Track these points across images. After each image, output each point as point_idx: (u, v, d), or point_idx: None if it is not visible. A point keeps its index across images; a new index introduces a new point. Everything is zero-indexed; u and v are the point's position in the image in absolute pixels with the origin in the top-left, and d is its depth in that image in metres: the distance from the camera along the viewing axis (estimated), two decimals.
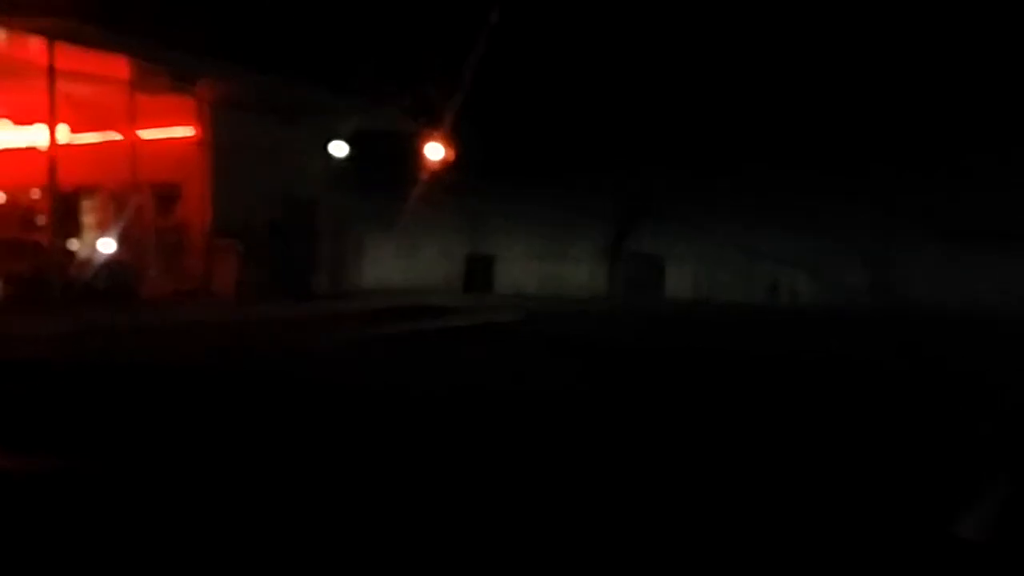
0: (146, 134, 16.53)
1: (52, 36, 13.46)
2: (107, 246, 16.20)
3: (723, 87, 22.71)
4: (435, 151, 20.36)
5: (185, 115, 16.91)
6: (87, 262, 15.90)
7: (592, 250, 25.51)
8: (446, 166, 20.63)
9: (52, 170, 13.95)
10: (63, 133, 15.49)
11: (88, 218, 17.14)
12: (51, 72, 13.74)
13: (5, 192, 17.08)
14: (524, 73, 22.36)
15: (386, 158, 20.16)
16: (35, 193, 16.25)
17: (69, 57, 13.73)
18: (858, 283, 23.27)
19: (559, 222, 25.24)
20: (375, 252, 22.33)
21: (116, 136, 16.47)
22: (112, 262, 15.56)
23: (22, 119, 17.14)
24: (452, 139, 20.34)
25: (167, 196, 17.17)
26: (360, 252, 19.16)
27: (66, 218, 15.67)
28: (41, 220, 15.70)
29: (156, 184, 16.88)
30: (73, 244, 16.65)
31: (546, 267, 25.65)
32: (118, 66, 14.84)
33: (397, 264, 24.85)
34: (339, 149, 19.87)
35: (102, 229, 16.83)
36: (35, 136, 16.49)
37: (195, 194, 17.05)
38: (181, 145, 16.95)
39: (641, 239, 25.04)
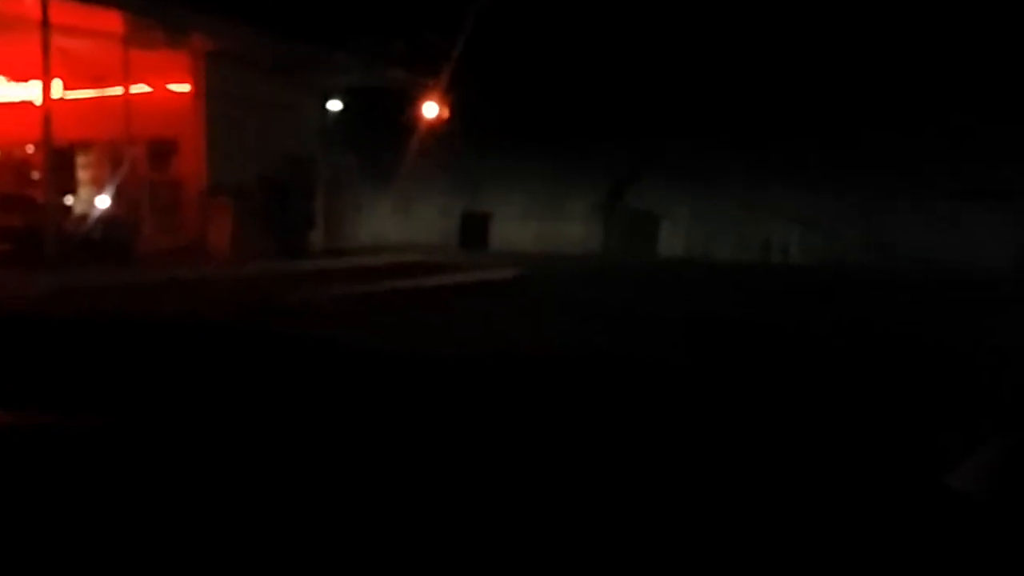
0: (140, 89, 16.44)
1: None
2: (102, 201, 16.15)
3: (720, 43, 22.59)
4: (432, 109, 20.28)
5: (179, 70, 16.81)
6: (82, 217, 15.90)
7: (587, 207, 25.52)
8: (443, 124, 20.62)
9: (46, 125, 13.88)
10: (57, 88, 15.38)
11: (83, 174, 17.10)
12: (45, 26, 13.64)
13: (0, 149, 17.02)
14: (521, 30, 22.25)
15: (383, 115, 20.11)
16: (29, 149, 16.18)
17: (63, 11, 13.64)
18: (853, 241, 23.20)
19: (554, 180, 25.30)
20: (371, 209, 22.36)
21: (110, 91, 16.36)
22: (107, 217, 15.56)
23: (15, 75, 17.08)
24: (449, 97, 20.28)
25: (162, 152, 17.11)
26: (356, 209, 19.12)
27: (61, 174, 15.60)
28: (36, 175, 15.64)
29: (150, 140, 16.82)
30: (68, 199, 16.59)
31: (542, 224, 25.73)
32: (112, 20, 14.73)
33: (393, 221, 25.05)
34: (335, 105, 19.78)
35: (97, 185, 16.80)
36: (29, 91, 16.44)
37: (190, 150, 16.97)
38: (176, 100, 16.88)
39: (636, 196, 25.03)
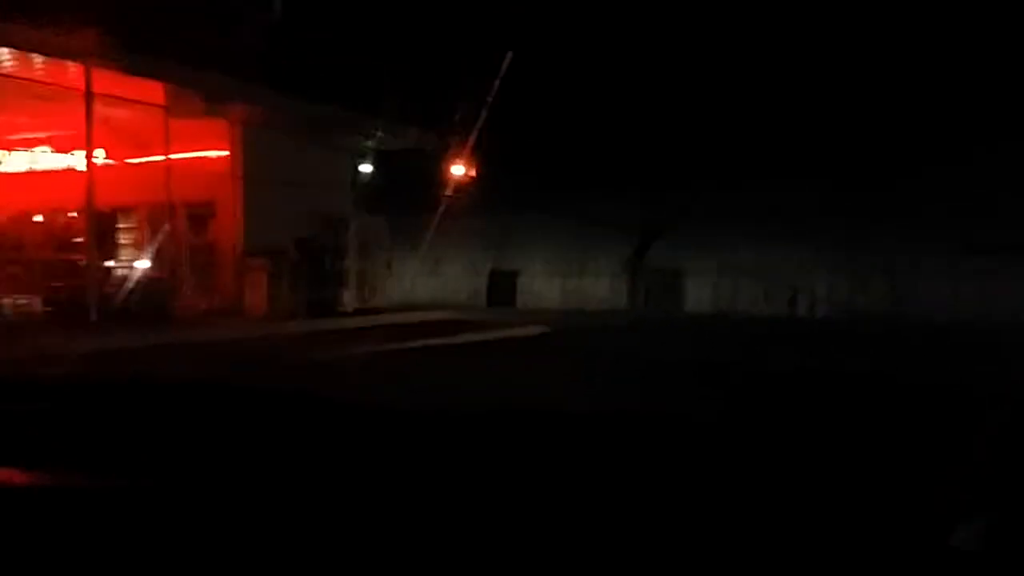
0: (180, 156, 16.90)
1: (89, 62, 13.83)
2: (142, 264, 16.49)
3: (742, 100, 22.71)
4: (459, 169, 20.56)
5: (217, 137, 17.24)
6: (123, 280, 16.24)
7: (612, 264, 25.62)
8: (470, 183, 20.87)
9: (89, 192, 14.32)
10: (100, 156, 15.85)
11: (123, 237, 17.47)
12: (88, 96, 14.13)
13: (44, 213, 17.49)
14: (545, 91, 22.48)
15: (411, 176, 20.41)
16: (72, 214, 16.63)
17: (105, 82, 14.12)
18: (878, 294, 23.04)
19: (580, 236, 25.41)
20: (401, 269, 22.59)
21: (151, 159, 16.85)
22: (147, 280, 15.90)
23: (60, 144, 17.60)
24: (475, 157, 20.55)
25: (200, 216, 17.49)
26: (387, 269, 19.44)
27: (102, 238, 15.98)
28: (78, 240, 16.05)
29: (189, 204, 17.23)
30: (109, 263, 16.95)
31: (568, 281, 25.85)
32: (153, 91, 15.23)
33: (422, 280, 25.31)
34: (366, 168, 20.17)
35: (137, 248, 17.17)
36: (72, 159, 16.92)
37: (227, 213, 17.35)
38: (213, 166, 17.28)
39: (661, 252, 25.08)
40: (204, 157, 17.28)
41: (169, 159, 16.62)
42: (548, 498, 1.33)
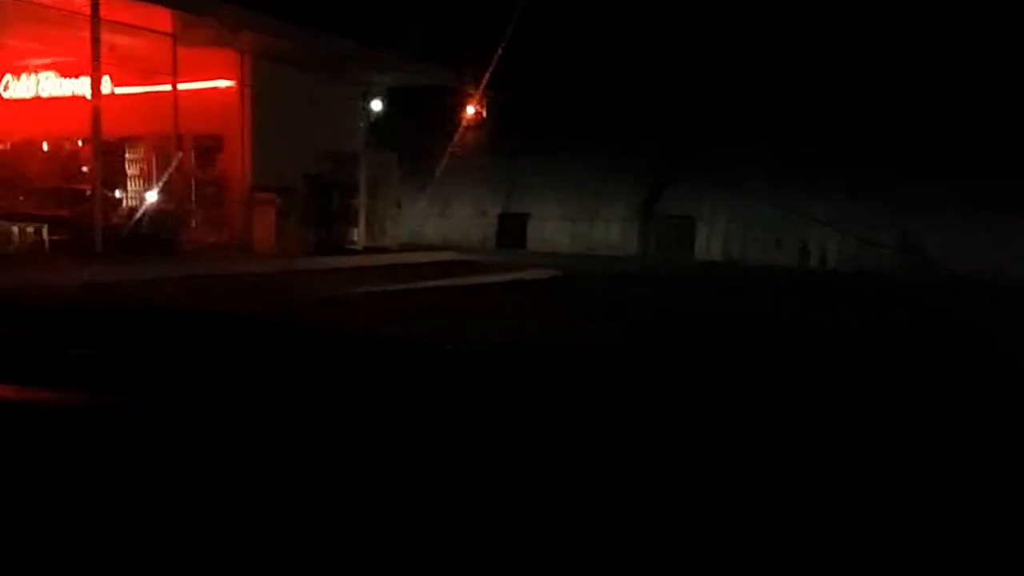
0: (188, 86, 16.62)
1: None
2: (150, 196, 16.30)
3: (760, 42, 22.39)
4: (471, 109, 20.30)
5: (226, 67, 16.91)
6: (131, 211, 16.06)
7: (624, 210, 25.52)
8: (481, 124, 20.64)
9: (96, 120, 14.07)
10: (107, 84, 15.57)
11: (131, 168, 17.27)
12: (95, 21, 13.82)
13: (50, 142, 17.27)
14: (559, 31, 22.21)
15: (422, 115, 20.19)
16: (79, 143, 16.42)
17: (113, 7, 13.83)
18: (891, 248, 22.88)
19: (592, 182, 25.35)
20: (410, 209, 22.45)
21: (159, 88, 16.58)
22: (154, 212, 15.72)
23: (66, 70, 17.35)
24: (488, 97, 20.26)
25: (207, 148, 17.21)
26: (397, 208, 19.23)
27: (110, 168, 15.71)
28: (85, 169, 15.85)
29: (197, 136, 16.94)
30: (117, 193, 16.74)
31: (578, 226, 25.75)
32: (162, 18, 14.93)
33: (432, 221, 25.27)
34: (377, 104, 19.91)
35: (145, 179, 16.95)
36: (79, 86, 16.65)
37: (235, 147, 17.08)
38: (222, 97, 16.99)
39: (673, 199, 25.00)
40: (213, 88, 16.98)
41: (177, 89, 16.29)
42: (546, 427, 1.34)
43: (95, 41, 13.82)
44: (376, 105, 19.94)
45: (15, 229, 14.29)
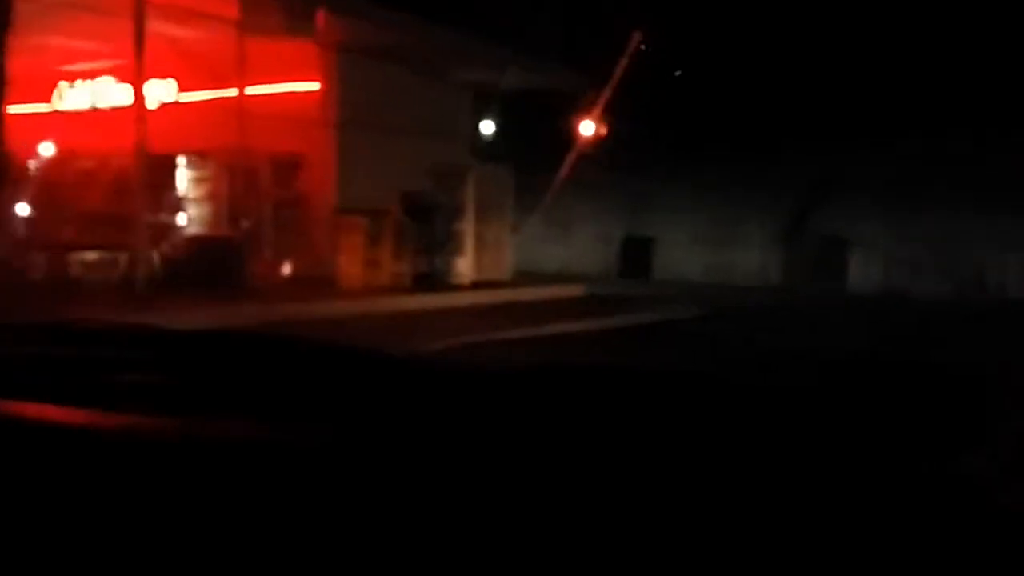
0: (260, 89, 14.17)
1: None
2: (212, 220, 14.01)
3: (912, 38, 20.27)
4: (593, 120, 19.07)
5: (307, 65, 14.85)
6: (192, 240, 13.84)
7: (764, 233, 23.67)
8: (603, 139, 19.54)
9: (140, 129, 11.81)
10: (166, 89, 14.00)
11: (196, 189, 15.12)
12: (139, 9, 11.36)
13: (95, 158, 15.04)
14: (690, 35, 20.89)
15: (538, 127, 18.74)
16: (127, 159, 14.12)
17: None
18: None
19: (727, 201, 23.65)
20: (524, 232, 20.71)
21: (225, 92, 14.10)
22: (218, 240, 13.34)
23: (126, 75, 15.11)
24: (611, 108, 19.12)
25: (284, 164, 15.21)
26: (511, 233, 16.68)
27: (159, 187, 13.72)
28: (134, 190, 13.48)
29: (270, 150, 14.77)
30: (176, 218, 14.61)
31: (711, 252, 24.07)
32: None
33: (547, 247, 23.88)
34: (489, 114, 18.12)
35: (210, 201, 14.76)
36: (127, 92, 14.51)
37: (317, 161, 15.02)
38: (302, 102, 14.90)
39: (820, 222, 23.02)
40: (291, 92, 14.97)
41: (244, 93, 13.64)
42: None
43: (138, 28, 11.32)
44: (489, 115, 17.97)
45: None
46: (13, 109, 12.22)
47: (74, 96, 16.08)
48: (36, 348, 1.80)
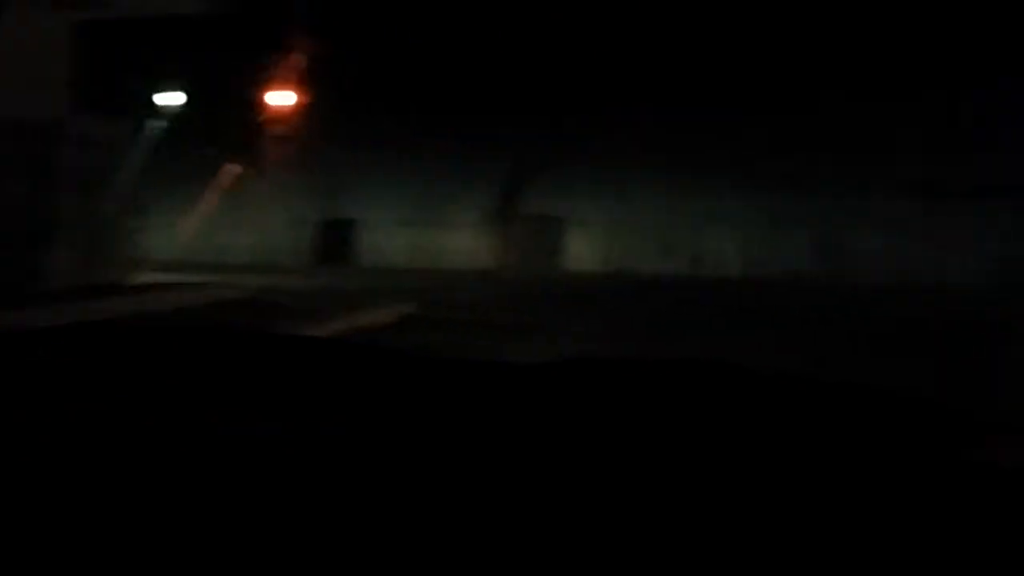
0: None
1: None
2: None
3: (636, 8, 20.19)
4: (281, 92, 19.09)
5: None
6: None
7: (474, 212, 23.36)
8: (294, 112, 19.70)
9: None
10: None
11: None
12: None
13: None
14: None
15: (215, 91, 17.90)
16: None
17: None
18: (803, 249, 21.34)
19: (434, 180, 23.24)
20: (189, 213, 19.72)
21: None
22: None
23: None
24: (303, 78, 19.24)
25: None
26: (138, 215, 13.12)
27: None
28: None
29: None
30: None
31: (418, 233, 23.55)
32: None
33: (235, 233, 22.65)
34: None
35: None
36: None
37: None
38: None
39: (535, 199, 22.95)
40: None
41: None
42: None
43: None
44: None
45: None
46: None
47: None
48: None
